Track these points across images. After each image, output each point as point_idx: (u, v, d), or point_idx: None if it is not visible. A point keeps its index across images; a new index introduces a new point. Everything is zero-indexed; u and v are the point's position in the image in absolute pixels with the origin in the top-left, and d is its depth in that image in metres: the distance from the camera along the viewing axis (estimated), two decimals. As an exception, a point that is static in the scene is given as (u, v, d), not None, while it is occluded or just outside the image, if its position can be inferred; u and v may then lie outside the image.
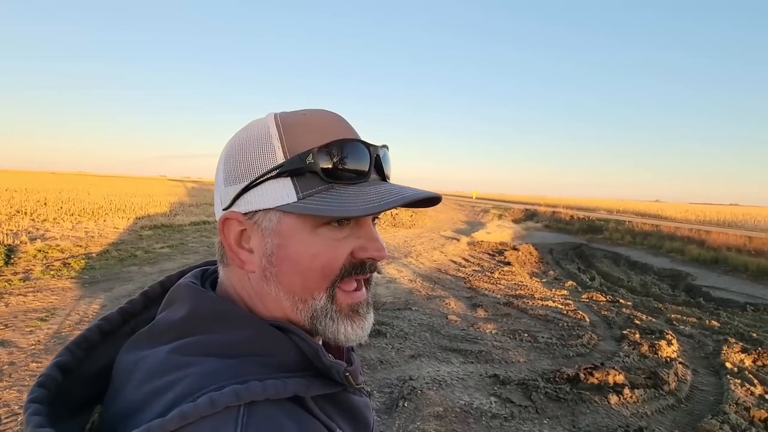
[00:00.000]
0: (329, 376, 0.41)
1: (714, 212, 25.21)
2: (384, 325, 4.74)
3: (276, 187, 0.41)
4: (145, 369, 0.37)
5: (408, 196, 0.41)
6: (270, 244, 0.42)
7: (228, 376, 0.36)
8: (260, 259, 0.42)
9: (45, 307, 4.84)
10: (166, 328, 0.41)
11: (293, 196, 0.40)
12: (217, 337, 0.39)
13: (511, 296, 6.62)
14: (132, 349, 0.41)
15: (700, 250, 11.96)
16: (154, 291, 0.48)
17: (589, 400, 3.26)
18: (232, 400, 0.33)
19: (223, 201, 0.44)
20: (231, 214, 0.43)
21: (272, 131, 0.42)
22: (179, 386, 0.35)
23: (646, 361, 4.18)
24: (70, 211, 13.38)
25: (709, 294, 8.36)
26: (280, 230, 0.41)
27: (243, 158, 0.42)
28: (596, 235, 16.63)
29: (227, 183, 0.43)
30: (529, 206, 29.67)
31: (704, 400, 3.53)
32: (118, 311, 0.46)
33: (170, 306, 0.43)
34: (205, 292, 0.43)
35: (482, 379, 3.62)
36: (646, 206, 33.12)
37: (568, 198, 62.94)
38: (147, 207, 16.37)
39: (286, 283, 0.42)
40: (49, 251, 7.66)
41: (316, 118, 0.44)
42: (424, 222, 18.36)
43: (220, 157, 0.46)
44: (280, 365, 0.39)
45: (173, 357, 0.37)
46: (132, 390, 0.37)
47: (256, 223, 0.42)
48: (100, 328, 0.44)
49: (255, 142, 0.42)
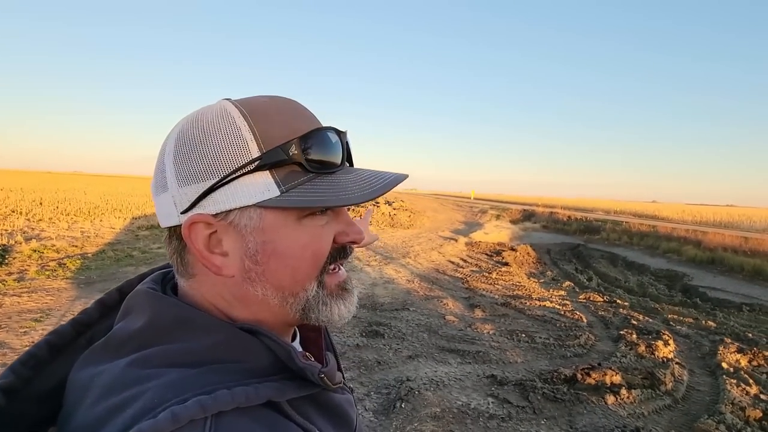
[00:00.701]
0: (304, 377, 0.39)
1: (710, 213, 25.33)
2: (382, 325, 4.73)
3: (253, 182, 0.38)
4: (101, 385, 0.35)
5: (392, 180, 0.42)
6: (253, 242, 0.39)
7: (192, 386, 0.33)
8: (241, 260, 0.40)
9: (40, 307, 4.81)
10: (124, 339, 0.38)
11: (275, 191, 0.38)
12: (180, 345, 0.37)
13: (509, 297, 6.63)
14: (87, 363, 0.38)
15: (697, 250, 12.00)
16: (112, 298, 0.45)
17: (587, 401, 3.27)
18: (196, 413, 0.31)
19: (178, 204, 0.39)
20: (197, 217, 0.38)
21: (239, 121, 0.39)
22: (139, 402, 0.32)
23: (643, 362, 4.18)
24: (65, 211, 13.32)
25: (705, 294, 8.39)
26: (264, 227, 0.39)
27: (204, 153, 0.38)
28: (593, 235, 16.66)
29: (183, 183, 0.38)
30: (526, 207, 29.72)
31: (700, 400, 3.54)
32: (70, 323, 0.42)
33: (128, 315, 0.40)
34: (166, 298, 0.40)
35: (480, 379, 3.61)
36: (643, 207, 33.26)
37: (565, 198, 63.14)
38: (144, 207, 16.31)
39: (274, 280, 0.40)
40: (45, 251, 7.61)
41: (282, 106, 0.42)
42: (423, 222, 18.37)
43: (162, 154, 0.41)
44: (251, 370, 0.37)
45: (132, 370, 0.35)
46: (87, 408, 0.34)
47: (231, 223, 0.39)
48: (48, 343, 0.41)
49: (218, 134, 0.38)
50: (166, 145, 0.41)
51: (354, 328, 4.65)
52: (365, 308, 5.40)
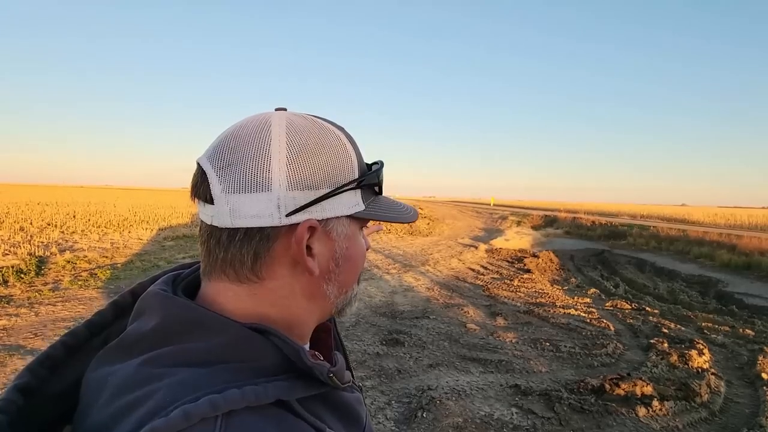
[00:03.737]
0: (313, 376, 0.39)
1: (745, 215, 24.21)
2: (402, 333, 4.70)
3: (350, 196, 0.44)
4: (114, 384, 0.36)
5: (414, 208, 0.53)
6: (340, 247, 0.44)
7: (203, 385, 0.34)
8: (327, 263, 0.44)
9: (73, 316, 5.01)
10: (137, 339, 0.39)
11: (361, 205, 0.45)
12: (190, 345, 0.37)
13: (532, 304, 6.48)
14: (101, 363, 0.39)
15: (731, 255, 11.46)
16: (125, 300, 0.46)
17: (616, 412, 3.14)
18: (208, 411, 0.32)
19: (284, 206, 0.40)
20: (313, 221, 0.41)
21: (346, 143, 0.45)
22: (151, 400, 0.33)
23: (676, 372, 4.00)
24: (97, 223, 13.89)
25: (742, 301, 7.97)
26: (349, 234, 0.45)
27: (322, 164, 0.42)
28: (619, 240, 16.15)
29: (295, 187, 0.40)
30: (548, 212, 29.13)
31: (739, 413, 3.35)
32: (84, 324, 0.44)
33: (140, 316, 0.41)
34: (176, 299, 0.41)
35: (503, 389, 3.53)
36: (672, 210, 32.10)
37: (588, 203, 61.64)
38: (169, 218, 16.82)
39: (342, 280, 0.46)
40: (77, 262, 7.94)
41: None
42: (442, 230, 18.25)
43: (274, 156, 0.40)
44: (260, 369, 0.38)
45: (144, 369, 0.36)
46: (101, 407, 0.35)
47: (328, 229, 0.43)
48: (64, 344, 0.42)
49: (333, 150, 0.43)
50: (265, 147, 0.40)
51: (374, 336, 4.64)
52: (385, 316, 5.38)
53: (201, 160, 0.43)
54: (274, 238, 0.41)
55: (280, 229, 0.40)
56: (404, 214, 0.50)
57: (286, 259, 0.42)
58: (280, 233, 0.41)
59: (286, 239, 0.41)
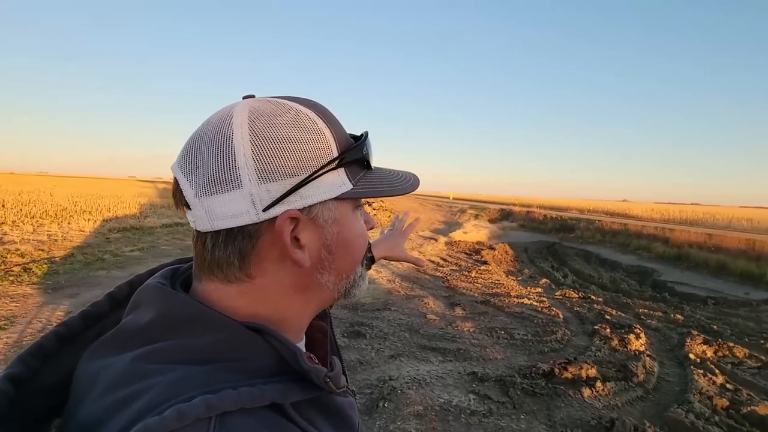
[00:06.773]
0: (308, 379, 0.38)
1: (677, 211, 26.44)
2: (363, 326, 4.73)
3: (333, 177, 0.41)
4: (108, 378, 0.35)
5: (414, 176, 0.51)
6: (330, 233, 0.42)
7: (198, 384, 0.33)
8: (318, 251, 0.42)
9: (4, 315, 4.57)
10: (132, 333, 0.38)
11: (348, 184, 0.42)
12: (186, 342, 0.37)
13: (488, 294, 6.74)
14: (94, 356, 0.38)
15: (665, 247, 12.50)
16: (121, 291, 0.45)
17: (564, 394, 3.36)
18: (202, 412, 0.31)
19: (259, 201, 0.38)
20: (293, 212, 0.39)
21: (318, 121, 0.41)
22: (145, 397, 0.32)
23: (617, 355, 4.34)
24: (30, 214, 12.68)
25: (673, 289, 8.76)
26: (338, 217, 0.42)
27: (291, 151, 0.39)
28: (568, 233, 17.11)
29: (267, 179, 0.38)
30: (504, 206, 30.26)
31: (670, 391, 3.70)
32: (79, 315, 0.42)
33: (137, 309, 0.40)
34: (175, 294, 0.40)
35: (461, 377, 3.66)
36: (615, 206, 34.38)
37: (541, 198, 64.69)
38: (115, 209, 15.70)
39: (339, 267, 0.44)
40: (8, 256, 7.24)
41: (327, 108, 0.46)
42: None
43: (238, 150, 0.38)
44: (255, 370, 0.37)
45: (139, 365, 0.35)
46: (94, 401, 0.34)
47: (313, 216, 0.41)
48: (57, 335, 0.40)
49: (303, 133, 0.40)
50: (228, 142, 0.38)
51: (336, 328, 4.61)
52: (346, 309, 5.38)
53: (173, 167, 0.41)
54: (256, 235, 0.39)
55: (261, 225, 0.39)
56: (399, 186, 0.47)
57: (273, 255, 0.40)
58: (261, 229, 0.39)
59: (269, 235, 0.39)
